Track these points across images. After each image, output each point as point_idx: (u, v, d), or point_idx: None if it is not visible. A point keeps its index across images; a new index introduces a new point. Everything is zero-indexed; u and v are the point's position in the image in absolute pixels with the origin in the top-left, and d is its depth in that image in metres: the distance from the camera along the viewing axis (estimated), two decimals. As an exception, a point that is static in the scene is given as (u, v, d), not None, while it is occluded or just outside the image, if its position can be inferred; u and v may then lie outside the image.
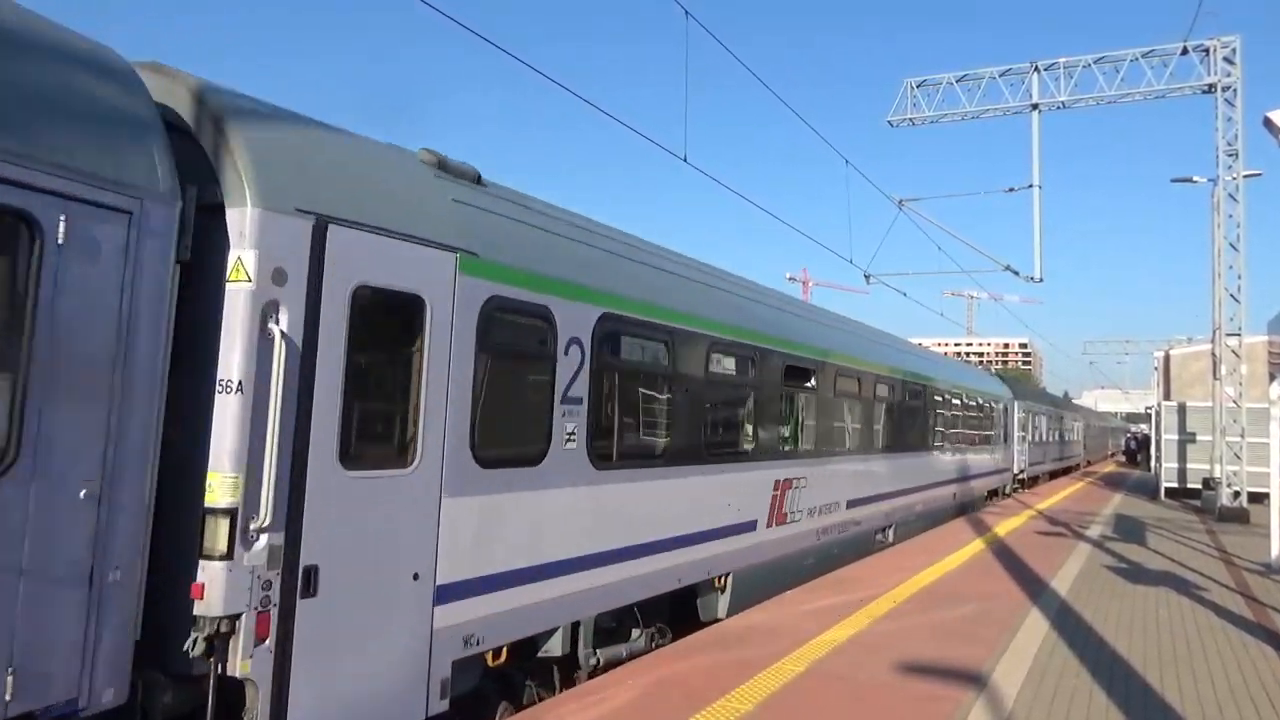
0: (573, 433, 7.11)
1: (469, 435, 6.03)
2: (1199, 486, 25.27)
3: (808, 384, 11.99)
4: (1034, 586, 11.56)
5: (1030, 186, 23.40)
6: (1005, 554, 14.47)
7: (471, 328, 6.05)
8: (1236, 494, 22.51)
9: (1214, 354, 23.18)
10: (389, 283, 5.44)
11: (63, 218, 4.02)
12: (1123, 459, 63.79)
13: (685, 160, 12.18)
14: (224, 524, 4.57)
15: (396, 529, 5.47)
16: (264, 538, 4.71)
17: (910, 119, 25.13)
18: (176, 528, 4.64)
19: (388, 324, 5.57)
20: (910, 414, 17.03)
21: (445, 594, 5.82)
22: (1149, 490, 30.73)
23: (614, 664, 7.72)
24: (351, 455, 5.21)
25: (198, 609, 4.55)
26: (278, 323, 4.76)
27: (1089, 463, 56.02)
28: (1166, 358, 34.36)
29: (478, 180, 6.74)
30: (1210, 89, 22.26)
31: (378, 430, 5.57)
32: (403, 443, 5.61)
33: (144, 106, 4.53)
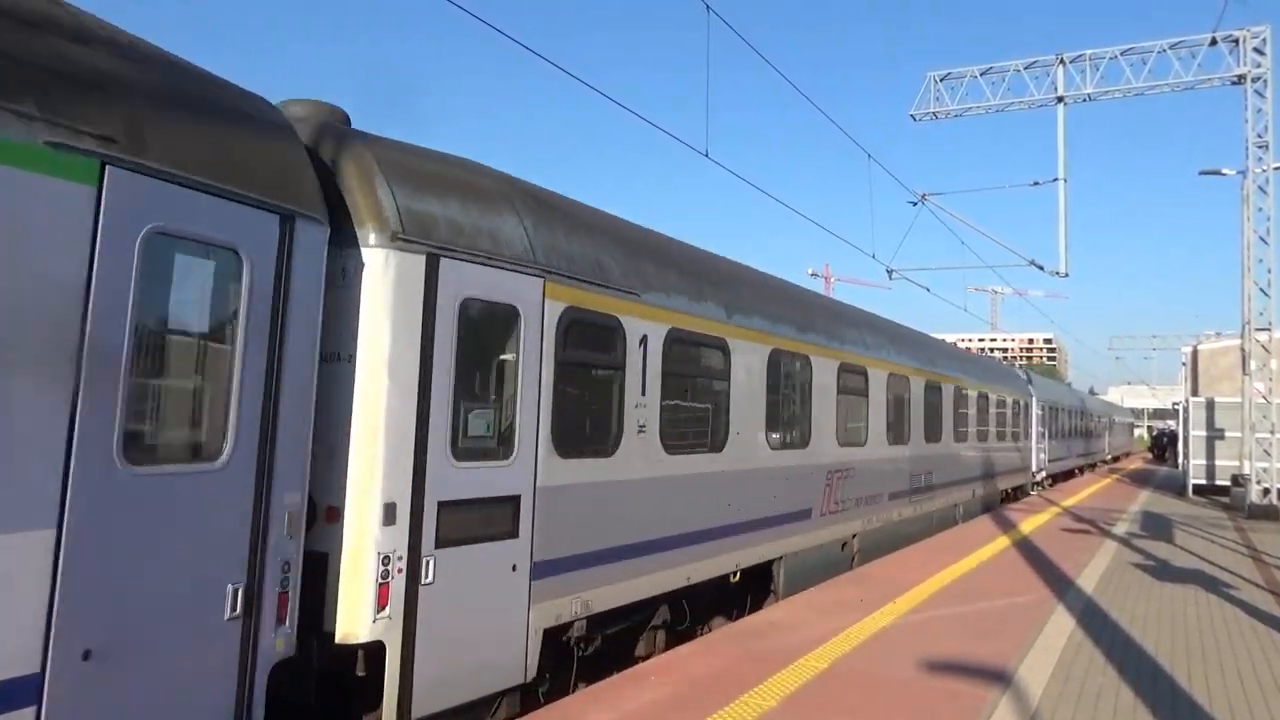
0: None
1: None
2: (1228, 483, 24.92)
3: None
4: (1060, 583, 11.46)
5: (1055, 180, 23.15)
6: (1030, 551, 14.36)
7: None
8: (1266, 491, 22.19)
9: (1243, 349, 22.84)
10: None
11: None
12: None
13: (707, 155, 12.17)
14: None
15: None
16: None
17: (933, 113, 24.91)
18: None
19: None
20: None
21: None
22: (1176, 487, 30.37)
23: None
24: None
25: None
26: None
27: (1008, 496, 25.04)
28: (1194, 353, 33.83)
29: None
30: (1239, 80, 21.89)
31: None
32: None
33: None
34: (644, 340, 7.80)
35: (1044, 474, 29.59)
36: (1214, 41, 21.96)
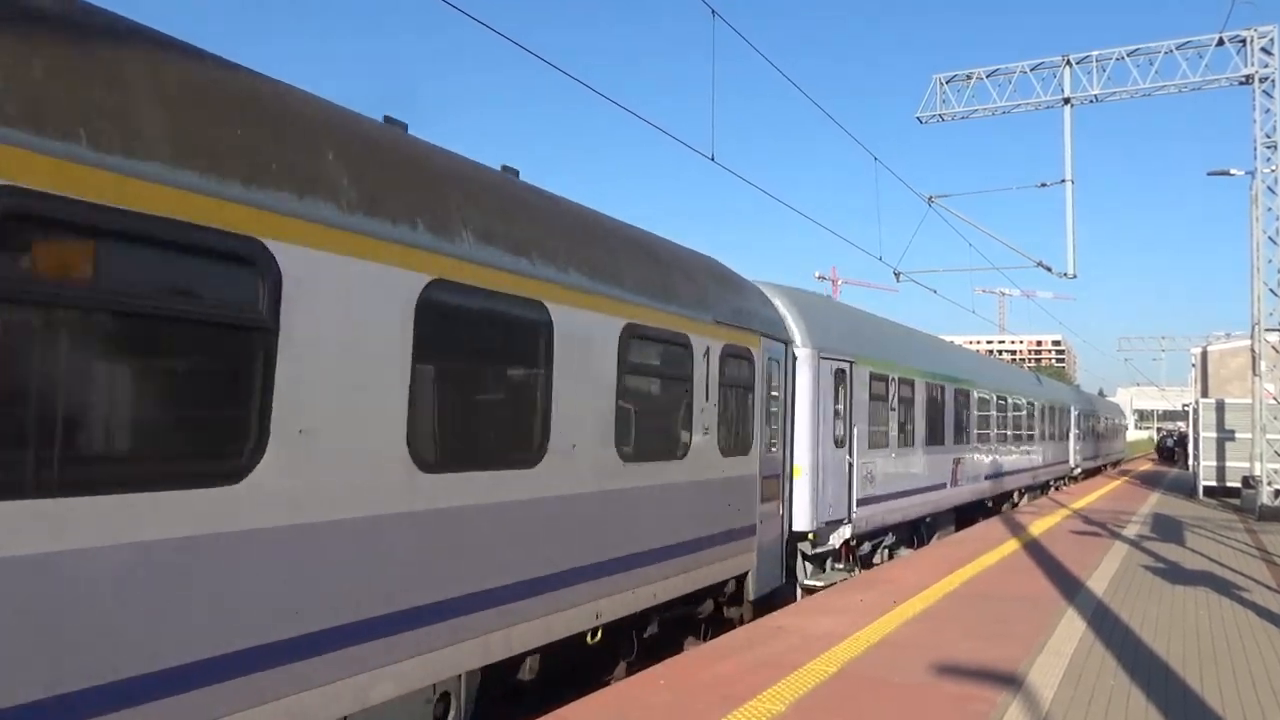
0: None
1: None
2: (1238, 485, 24.81)
3: None
4: (1070, 586, 11.42)
5: (1063, 181, 23.10)
6: (1040, 553, 14.31)
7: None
8: (1277, 493, 22.08)
9: (1253, 350, 22.75)
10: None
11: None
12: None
13: (713, 159, 12.18)
14: None
15: None
16: None
17: (940, 115, 24.87)
18: None
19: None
20: None
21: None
22: (1186, 489, 30.23)
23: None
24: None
25: None
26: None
27: None
28: (1204, 354, 33.70)
29: None
30: (1247, 80, 21.82)
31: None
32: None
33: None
34: None
35: (850, 532, 12.94)
36: (1221, 42, 21.89)
